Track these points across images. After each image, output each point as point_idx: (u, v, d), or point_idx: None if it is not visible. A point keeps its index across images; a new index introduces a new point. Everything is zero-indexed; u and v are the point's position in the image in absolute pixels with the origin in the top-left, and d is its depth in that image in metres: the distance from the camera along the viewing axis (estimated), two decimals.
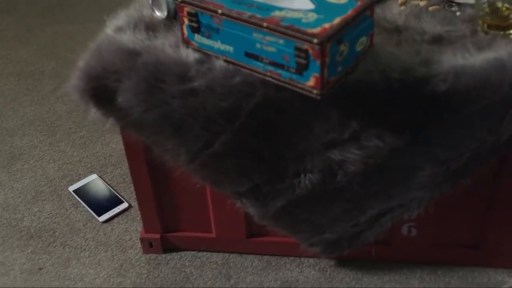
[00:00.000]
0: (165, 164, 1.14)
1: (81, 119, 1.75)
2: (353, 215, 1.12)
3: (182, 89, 0.99)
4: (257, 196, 1.12)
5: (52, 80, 1.93)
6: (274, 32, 0.89)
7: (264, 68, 0.95)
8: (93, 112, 1.05)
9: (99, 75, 1.00)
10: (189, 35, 1.00)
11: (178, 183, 1.20)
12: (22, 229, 1.40)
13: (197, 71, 0.99)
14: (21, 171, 1.57)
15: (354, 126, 0.99)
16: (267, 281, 1.25)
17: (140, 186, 1.20)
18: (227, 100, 0.99)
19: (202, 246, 1.31)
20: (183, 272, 1.27)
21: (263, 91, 0.98)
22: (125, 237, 1.37)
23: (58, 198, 1.48)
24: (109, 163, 1.58)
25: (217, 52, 0.99)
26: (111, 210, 1.43)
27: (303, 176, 1.07)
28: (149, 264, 1.30)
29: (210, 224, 1.27)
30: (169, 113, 1.01)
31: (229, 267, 1.28)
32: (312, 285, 1.23)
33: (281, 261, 1.29)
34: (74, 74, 1.03)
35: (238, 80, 0.97)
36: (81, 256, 1.33)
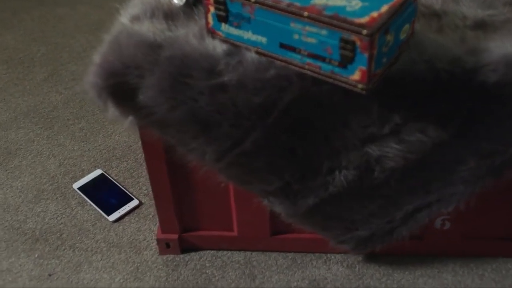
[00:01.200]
0: (187, 164, 1.07)
1: (79, 109, 1.65)
2: (389, 211, 1.06)
3: (211, 84, 0.91)
4: (287, 194, 1.05)
5: (44, 67, 1.81)
6: (316, 22, 0.81)
7: (301, 60, 0.87)
8: (112, 111, 0.96)
9: (119, 71, 0.91)
10: (214, 24, 0.92)
11: (199, 182, 1.12)
12: (26, 232, 1.31)
13: (227, 65, 0.90)
14: (19, 168, 1.47)
15: (396, 119, 0.93)
16: (294, 280, 1.19)
17: (159, 186, 1.12)
18: (260, 95, 0.91)
19: (222, 245, 1.24)
20: (204, 274, 1.21)
21: (299, 85, 0.90)
22: (138, 237, 1.29)
23: (62, 196, 1.39)
24: (114, 156, 1.49)
25: (247, 43, 0.91)
26: (121, 209, 1.35)
27: (338, 173, 1.01)
28: (167, 266, 1.23)
29: (232, 222, 1.20)
30: (196, 111, 0.93)
31: (253, 267, 1.22)
32: (341, 283, 1.18)
33: (307, 258, 1.23)
34: (91, 70, 0.93)
35: (272, 73, 0.90)
36: (93, 259, 1.25)
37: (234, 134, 0.95)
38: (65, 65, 1.82)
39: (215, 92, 0.92)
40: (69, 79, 1.76)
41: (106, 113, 0.96)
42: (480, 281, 1.17)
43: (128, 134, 1.55)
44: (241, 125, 0.94)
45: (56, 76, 1.77)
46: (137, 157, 1.48)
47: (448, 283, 1.17)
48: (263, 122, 0.94)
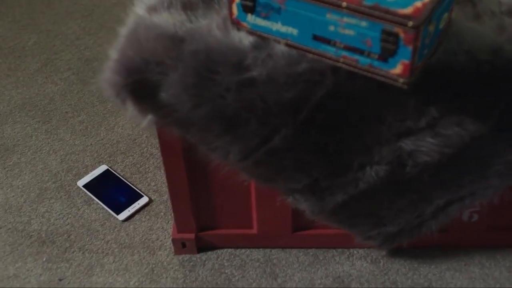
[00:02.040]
0: (208, 163, 1.01)
1: (77, 100, 1.57)
2: (419, 206, 1.02)
3: (238, 80, 0.85)
4: (314, 192, 1.00)
5: (36, 57, 1.72)
6: (356, 13, 0.76)
7: (336, 53, 0.82)
8: (131, 110, 0.89)
9: (139, 67, 0.84)
10: (239, 15, 0.86)
11: (218, 180, 1.06)
12: (31, 234, 1.25)
13: (255, 58, 0.84)
14: (18, 166, 1.40)
15: (433, 113, 0.88)
16: (317, 277, 1.15)
17: (176, 186, 1.06)
18: (291, 90, 0.85)
19: (240, 243, 1.19)
20: (224, 274, 1.16)
21: (333, 79, 0.85)
22: (151, 236, 1.23)
23: (66, 195, 1.33)
24: (118, 151, 1.43)
25: (276, 35, 0.85)
26: (130, 207, 1.28)
27: (369, 169, 0.96)
28: (184, 266, 1.17)
29: (251, 220, 1.15)
30: (222, 108, 0.87)
31: (273, 265, 1.17)
32: (367, 279, 1.14)
33: (329, 254, 1.19)
34: (108, 67, 0.86)
35: (304, 67, 0.84)
36: (105, 262, 1.19)
37: (263, 132, 0.90)
38: (58, 53, 1.73)
39: (243, 88, 0.86)
40: (64, 69, 1.67)
41: (125, 112, 0.90)
42: (508, 273, 1.14)
43: (131, 127, 1.48)
44: (270, 122, 0.89)
45: (50, 65, 1.69)
46: (143, 151, 1.42)
47: (476, 276, 1.14)
48: (293, 118, 0.88)
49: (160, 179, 1.35)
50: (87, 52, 1.73)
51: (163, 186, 1.33)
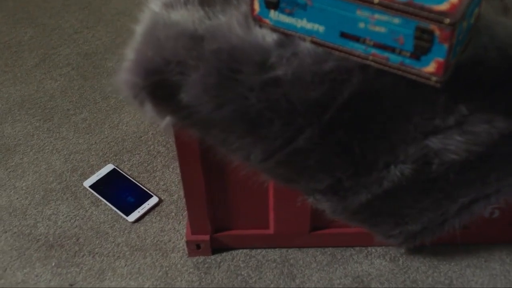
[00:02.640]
0: (226, 164, 0.98)
1: (79, 97, 1.52)
2: (443, 204, 1.00)
3: (262, 79, 0.81)
4: (337, 191, 0.97)
5: (34, 52, 1.67)
6: (388, 10, 0.72)
7: (365, 51, 0.78)
8: (149, 111, 0.85)
9: (159, 68, 0.80)
10: (261, 11, 0.82)
11: (235, 181, 1.03)
12: (38, 238, 1.21)
13: (279, 57, 0.80)
14: (21, 166, 1.35)
15: (463, 110, 0.85)
16: (336, 277, 1.12)
17: (192, 187, 1.02)
18: (317, 89, 0.82)
19: (256, 243, 1.16)
20: (240, 275, 1.13)
21: (361, 78, 0.81)
22: (162, 238, 1.20)
23: (73, 196, 1.28)
24: (124, 149, 1.38)
25: (300, 31, 0.81)
26: (140, 207, 1.25)
27: (394, 168, 0.93)
28: (198, 268, 1.14)
29: (268, 220, 1.12)
30: (245, 109, 0.84)
31: (290, 265, 1.14)
32: (386, 278, 1.11)
33: (347, 253, 1.16)
34: (125, 67, 0.82)
35: (331, 65, 0.80)
36: (117, 265, 1.15)
37: (286, 132, 0.86)
38: (56, 48, 1.68)
39: (267, 87, 0.82)
40: (63, 64, 1.62)
41: (143, 113, 0.86)
42: None
43: (136, 124, 1.44)
44: (295, 122, 0.85)
45: (49, 61, 1.63)
46: (150, 149, 1.38)
47: (497, 272, 1.12)
48: (319, 118, 0.85)
49: (169, 178, 1.31)
50: (86, 46, 1.68)
51: (172, 185, 1.29)
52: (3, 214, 1.25)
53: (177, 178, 1.31)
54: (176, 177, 1.31)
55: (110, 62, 1.62)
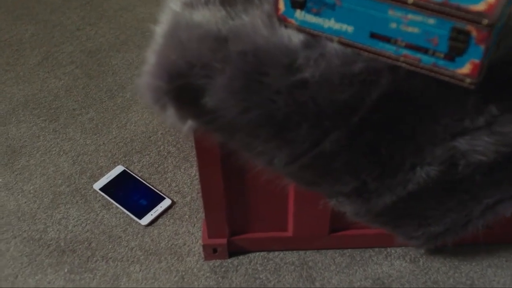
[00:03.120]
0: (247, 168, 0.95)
1: (84, 96, 1.49)
2: (468, 205, 0.98)
3: (290, 82, 0.78)
4: (361, 194, 0.95)
5: (36, 49, 1.63)
6: (423, 10, 0.70)
7: (396, 51, 0.76)
8: (171, 116, 0.82)
9: (183, 71, 0.77)
10: (287, 11, 0.79)
11: (254, 185, 1.00)
12: (49, 243, 1.18)
13: (307, 58, 0.78)
14: (28, 169, 1.32)
15: (493, 111, 0.83)
16: (356, 280, 1.10)
17: (211, 192, 1.00)
18: (346, 91, 0.79)
19: (274, 246, 1.13)
20: (258, 279, 1.11)
21: (390, 79, 0.79)
22: (177, 242, 1.17)
23: (83, 199, 1.25)
24: (133, 150, 1.35)
25: (328, 32, 0.78)
26: (152, 210, 1.22)
27: (420, 169, 0.91)
28: (215, 272, 1.12)
29: (287, 223, 1.09)
30: (272, 112, 0.81)
31: (309, 268, 1.12)
32: (407, 280, 1.10)
33: (366, 254, 1.14)
34: (147, 71, 0.79)
35: (360, 66, 0.78)
36: (131, 270, 1.13)
37: (313, 135, 0.84)
38: (59, 46, 1.64)
39: (294, 90, 0.79)
40: (66, 62, 1.58)
41: (164, 118, 0.83)
42: None
43: (145, 124, 1.41)
44: (322, 125, 0.83)
45: (51, 59, 1.59)
46: (160, 149, 1.35)
47: None
48: (346, 120, 0.82)
49: (180, 179, 1.28)
50: (90, 43, 1.64)
51: (185, 187, 1.27)
52: (12, 218, 1.22)
53: (189, 179, 1.28)
54: (188, 178, 1.28)
55: (115, 59, 1.58)
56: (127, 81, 1.52)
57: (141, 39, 1.65)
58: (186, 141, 1.36)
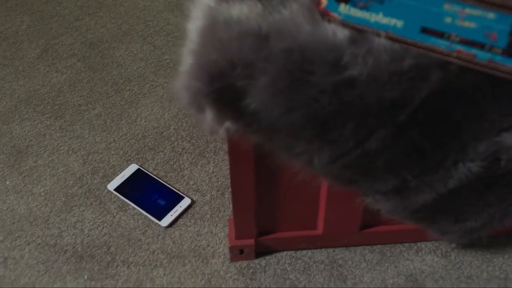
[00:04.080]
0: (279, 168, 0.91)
1: (89, 91, 1.42)
2: (506, 200, 0.95)
3: (336, 80, 0.74)
4: (400, 192, 0.92)
5: (34, 42, 1.55)
6: (482, 4, 0.65)
7: (449, 47, 0.71)
8: (210, 118, 0.77)
9: (225, 72, 0.72)
10: (329, 5, 0.74)
11: (285, 184, 0.96)
12: (65, 249, 1.12)
13: (354, 55, 0.73)
14: (36, 170, 1.26)
15: None
16: (389, 277, 1.07)
17: (241, 193, 0.95)
18: (394, 89, 0.75)
19: (301, 244, 1.10)
20: (288, 280, 1.07)
21: (440, 76, 0.74)
22: (200, 243, 1.13)
23: (97, 201, 1.20)
24: (146, 147, 1.30)
25: (374, 26, 0.73)
26: (172, 210, 1.17)
27: (462, 165, 0.87)
28: (243, 274, 1.08)
29: (316, 221, 1.05)
30: (315, 112, 0.76)
31: (339, 266, 1.09)
32: (440, 275, 1.07)
33: (396, 250, 1.11)
34: (185, 72, 0.73)
35: (410, 63, 0.73)
36: (155, 275, 1.08)
37: (358, 135, 0.80)
38: (58, 37, 1.56)
39: (340, 89, 0.75)
40: (67, 55, 1.51)
41: (201, 121, 0.78)
42: None
43: (155, 119, 1.35)
44: (367, 124, 0.79)
45: (51, 52, 1.52)
46: (174, 146, 1.29)
47: None
48: (393, 119, 0.78)
49: (198, 176, 1.23)
50: (90, 34, 1.57)
51: (203, 185, 1.22)
52: (24, 223, 1.16)
53: (207, 176, 1.23)
54: (206, 175, 1.23)
55: (119, 51, 1.52)
56: (133, 73, 1.46)
57: (144, 28, 1.58)
58: (200, 136, 1.31)
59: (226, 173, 1.24)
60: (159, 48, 1.53)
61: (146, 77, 1.45)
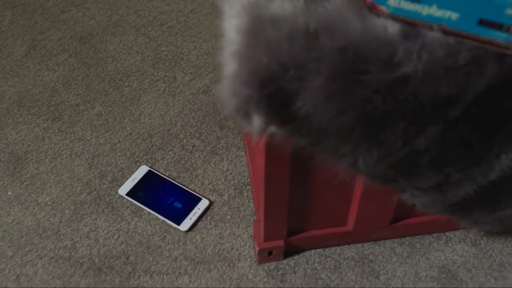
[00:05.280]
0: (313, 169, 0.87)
1: (86, 89, 1.34)
2: None
3: (389, 79, 0.69)
4: (440, 187, 0.89)
5: (19, 39, 1.45)
6: None
7: (507, 39, 0.67)
8: (257, 124, 0.71)
9: (277, 76, 0.66)
10: None
11: (318, 184, 0.92)
12: (81, 261, 1.06)
13: (407, 51, 0.68)
14: (39, 177, 1.18)
15: None
16: (421, 270, 1.05)
17: (275, 197, 0.91)
18: (450, 85, 0.71)
19: (330, 242, 1.06)
20: (320, 279, 1.03)
21: (498, 70, 0.71)
22: (224, 246, 1.08)
23: (109, 207, 1.14)
24: (154, 146, 1.23)
25: (426, 19, 0.69)
26: (190, 213, 1.11)
27: (505, 157, 0.85)
28: (273, 277, 1.04)
29: (347, 217, 1.02)
30: (367, 113, 0.72)
31: (370, 261, 1.06)
32: (473, 265, 1.05)
33: (425, 241, 1.09)
34: (230, 76, 0.67)
35: (466, 57, 0.69)
36: (180, 283, 1.03)
37: (408, 133, 0.76)
38: (45, 32, 1.47)
39: (394, 87, 0.70)
40: (57, 51, 1.42)
41: (247, 126, 0.72)
42: None
43: (160, 115, 1.28)
44: (419, 122, 0.75)
45: (39, 48, 1.43)
46: (183, 143, 1.23)
47: None
48: (445, 115, 0.75)
49: (213, 175, 1.18)
50: (79, 27, 1.48)
51: (219, 184, 1.17)
52: (33, 236, 1.09)
53: (222, 174, 1.18)
54: (221, 174, 1.18)
55: (112, 44, 1.43)
56: (130, 68, 1.38)
57: (136, 19, 1.50)
58: (210, 132, 1.25)
59: (241, 170, 1.19)
60: (155, 40, 1.45)
61: (144, 71, 1.38)
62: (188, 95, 1.32)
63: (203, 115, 1.28)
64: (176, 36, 1.46)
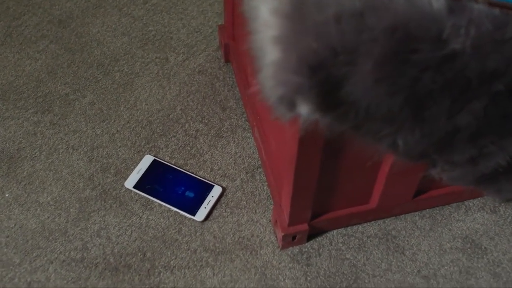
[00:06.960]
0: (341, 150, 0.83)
1: (73, 77, 1.26)
2: None
3: (438, 56, 0.66)
4: (473, 160, 0.87)
5: None
6: None
7: None
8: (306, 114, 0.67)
9: (327, 61, 0.62)
10: None
11: (345, 165, 0.89)
12: (96, 262, 1.00)
13: (455, 27, 0.65)
14: (36, 176, 1.11)
15: None
16: (445, 241, 1.04)
17: (305, 181, 0.87)
18: (497, 59, 0.68)
19: (352, 221, 1.04)
20: (346, 260, 1.01)
21: None
22: (243, 233, 1.04)
23: (116, 202, 1.08)
24: (155, 134, 1.17)
25: None
26: (204, 202, 1.07)
27: None
28: (298, 261, 1.01)
29: (370, 196, 0.99)
30: (416, 92, 0.68)
31: (394, 237, 1.04)
32: (495, 232, 1.05)
33: (445, 212, 1.07)
34: (273, 63, 0.62)
35: None
36: (204, 276, 0.99)
37: (452, 111, 0.73)
38: (20, 18, 1.36)
39: (443, 65, 0.67)
40: (36, 38, 1.32)
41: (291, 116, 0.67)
42: None
43: (157, 100, 1.22)
44: (463, 98, 0.72)
45: (16, 35, 1.33)
46: (185, 128, 1.18)
47: None
48: (489, 90, 0.72)
49: (221, 160, 1.13)
50: (56, 11, 1.38)
51: (230, 168, 1.12)
52: (39, 240, 1.03)
53: (230, 158, 1.13)
54: (230, 157, 1.14)
55: (95, 27, 1.35)
56: (118, 51, 1.30)
57: None
58: (212, 114, 1.19)
59: (250, 153, 1.14)
60: (139, 19, 1.37)
61: (133, 54, 1.30)
62: (184, 76, 1.26)
63: (202, 97, 1.22)
64: (161, 14, 1.38)
